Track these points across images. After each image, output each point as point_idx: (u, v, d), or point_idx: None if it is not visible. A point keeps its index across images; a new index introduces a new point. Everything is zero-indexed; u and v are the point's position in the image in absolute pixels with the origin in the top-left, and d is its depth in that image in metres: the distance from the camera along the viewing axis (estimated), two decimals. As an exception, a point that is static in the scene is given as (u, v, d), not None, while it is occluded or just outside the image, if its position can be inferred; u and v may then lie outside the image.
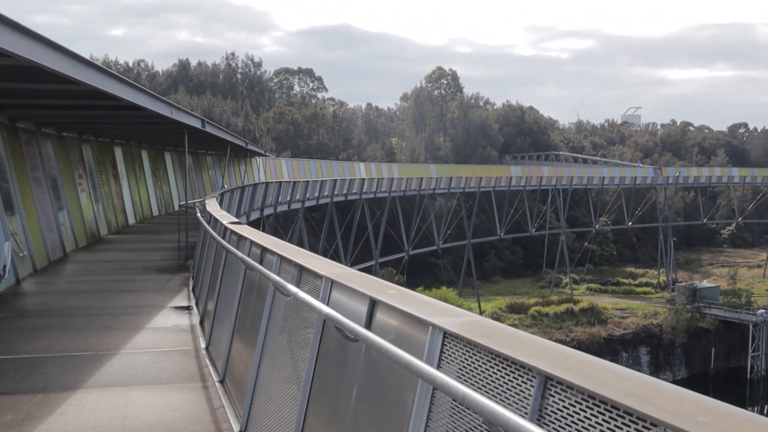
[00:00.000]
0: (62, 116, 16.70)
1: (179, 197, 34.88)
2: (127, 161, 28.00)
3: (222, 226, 9.99)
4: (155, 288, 13.91)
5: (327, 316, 4.08)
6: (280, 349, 5.76)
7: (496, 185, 73.31)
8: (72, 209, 20.30)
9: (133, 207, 27.70)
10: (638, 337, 71.33)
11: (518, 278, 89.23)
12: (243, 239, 8.24)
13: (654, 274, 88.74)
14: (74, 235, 19.97)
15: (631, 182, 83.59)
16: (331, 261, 5.38)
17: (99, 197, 23.69)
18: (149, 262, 17.49)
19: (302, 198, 44.92)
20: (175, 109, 14.07)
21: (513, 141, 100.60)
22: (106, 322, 10.82)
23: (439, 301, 3.73)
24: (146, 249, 20.14)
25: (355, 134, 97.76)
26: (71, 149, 21.65)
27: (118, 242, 21.80)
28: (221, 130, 21.14)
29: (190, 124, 15.80)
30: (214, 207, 13.97)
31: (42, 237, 17.05)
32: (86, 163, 22.98)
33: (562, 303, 74.91)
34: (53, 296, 12.98)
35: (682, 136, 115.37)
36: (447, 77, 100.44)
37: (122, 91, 10.55)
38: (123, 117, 16.63)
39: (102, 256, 18.54)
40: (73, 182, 21.13)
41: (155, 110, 12.64)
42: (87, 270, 16.34)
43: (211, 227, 11.15)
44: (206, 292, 10.87)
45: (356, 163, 67.69)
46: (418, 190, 63.78)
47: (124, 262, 17.40)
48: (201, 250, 13.70)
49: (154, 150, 32.54)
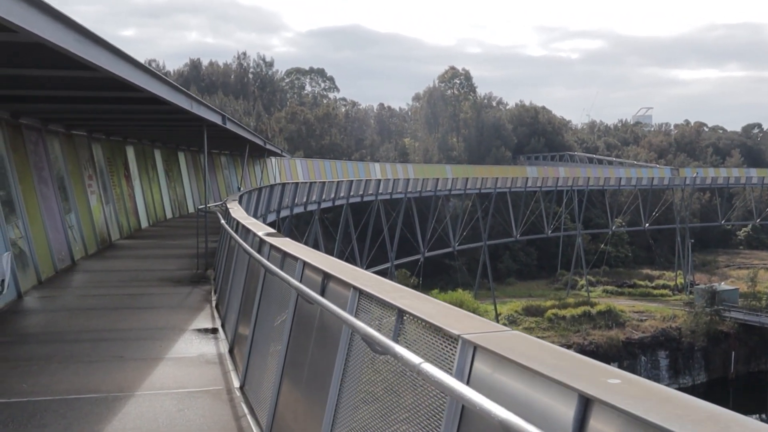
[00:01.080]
0: (71, 111, 15.00)
1: (193, 199, 33.20)
2: (139, 161, 26.33)
3: (257, 239, 8.24)
4: (173, 304, 12.19)
5: (469, 402, 2.44)
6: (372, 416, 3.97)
7: (512, 186, 71.44)
8: (81, 213, 18.62)
9: (146, 210, 26.03)
10: (657, 340, 69.71)
11: (533, 280, 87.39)
12: (290, 258, 6.50)
13: (671, 276, 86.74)
14: (83, 241, 18.29)
15: (648, 183, 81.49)
16: (460, 310, 3.57)
17: (110, 199, 22.02)
18: (165, 271, 15.79)
19: (318, 199, 43.41)
20: (196, 103, 12.36)
21: (527, 141, 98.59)
22: (118, 349, 9.10)
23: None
24: (161, 256, 18.44)
25: (367, 134, 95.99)
26: (80, 148, 19.98)
27: (130, 248, 20.11)
28: (241, 128, 19.42)
29: (210, 119, 14.08)
30: (240, 213, 12.24)
31: (48, 244, 15.37)
32: (96, 163, 21.31)
33: (579, 306, 73.13)
34: (58, 315, 11.27)
35: (697, 137, 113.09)
36: (460, 77, 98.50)
37: (139, 78, 8.83)
38: (139, 112, 14.94)
39: (113, 265, 16.85)
40: (83, 183, 19.46)
41: (176, 103, 10.93)
42: (97, 281, 14.64)
43: (241, 238, 9.41)
44: (236, 313, 9.14)
45: (371, 164, 65.89)
46: (434, 191, 61.99)
47: (138, 271, 15.70)
48: (225, 261, 11.98)
49: (168, 150, 30.87)
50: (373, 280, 4.64)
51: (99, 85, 10.38)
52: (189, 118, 16.04)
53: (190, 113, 13.12)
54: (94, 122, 18.42)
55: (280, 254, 6.92)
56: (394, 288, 4.34)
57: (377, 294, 4.10)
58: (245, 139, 22.14)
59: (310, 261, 5.77)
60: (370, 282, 4.55)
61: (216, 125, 15.85)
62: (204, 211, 16.30)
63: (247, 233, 9.55)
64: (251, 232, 8.82)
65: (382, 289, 4.27)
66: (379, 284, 4.43)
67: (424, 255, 64.44)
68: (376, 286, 4.39)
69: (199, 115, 13.29)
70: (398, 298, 3.88)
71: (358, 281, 4.56)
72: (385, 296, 4.02)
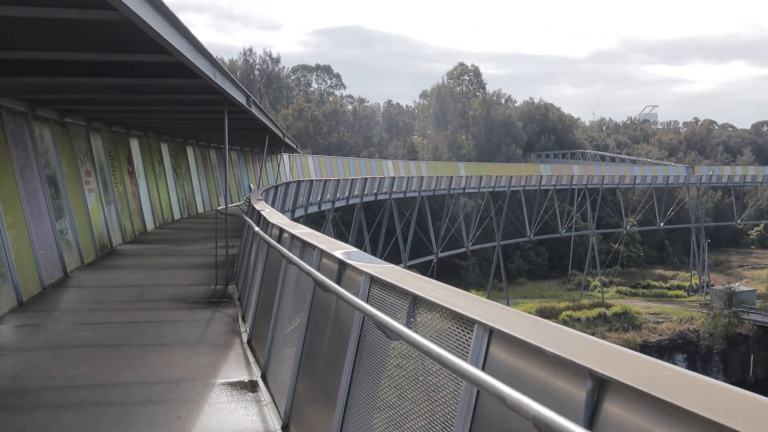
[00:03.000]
0: (64, 88, 11.88)
1: (203, 198, 30.09)
2: (144, 155, 23.21)
3: (335, 262, 5.16)
4: (191, 338, 9.08)
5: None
6: None
7: (527, 184, 68.31)
8: (76, 215, 15.51)
9: (152, 210, 22.91)
10: (675, 343, 67.21)
11: (544, 280, 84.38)
12: (396, 292, 3.54)
13: (684, 276, 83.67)
14: (79, 249, 15.18)
15: (664, 181, 78.31)
16: None
17: (111, 199, 18.91)
18: (176, 287, 12.68)
19: (332, 198, 40.52)
20: (220, 73, 9.24)
21: (537, 139, 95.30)
22: (115, 421, 6.01)
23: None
24: (171, 266, 15.33)
25: (375, 132, 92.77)
26: (76, 139, 16.85)
27: (134, 256, 16.98)
28: (265, 114, 16.27)
29: (234, 98, 10.97)
30: (279, 218, 9.12)
31: (33, 255, 12.26)
32: (96, 157, 18.19)
33: (594, 307, 70.38)
34: (36, 357, 8.15)
35: (707, 134, 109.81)
36: (469, 73, 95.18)
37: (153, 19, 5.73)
38: (147, 90, 11.81)
39: (114, 278, 13.72)
40: (79, 180, 16.35)
41: (200, 68, 7.84)
42: (93, 302, 11.51)
43: (296, 253, 6.33)
44: (290, 365, 6.07)
45: (384, 161, 62.72)
46: (448, 189, 58.89)
47: (143, 288, 12.57)
48: (260, 278, 8.89)
49: (175, 143, 27.75)
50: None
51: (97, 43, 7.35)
52: (207, 100, 12.94)
53: (211, 88, 10.04)
54: (93, 107, 15.29)
55: (379, 285, 4.06)
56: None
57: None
58: (266, 130, 19.01)
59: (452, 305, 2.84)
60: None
61: (239, 107, 12.74)
62: (224, 214, 13.14)
63: (303, 247, 6.49)
64: (318, 250, 5.74)
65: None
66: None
67: (438, 255, 61.36)
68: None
69: (222, 91, 10.19)
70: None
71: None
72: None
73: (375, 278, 4.25)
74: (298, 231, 7.12)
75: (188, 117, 17.12)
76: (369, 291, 4.29)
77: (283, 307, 7.09)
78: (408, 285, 3.68)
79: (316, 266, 5.72)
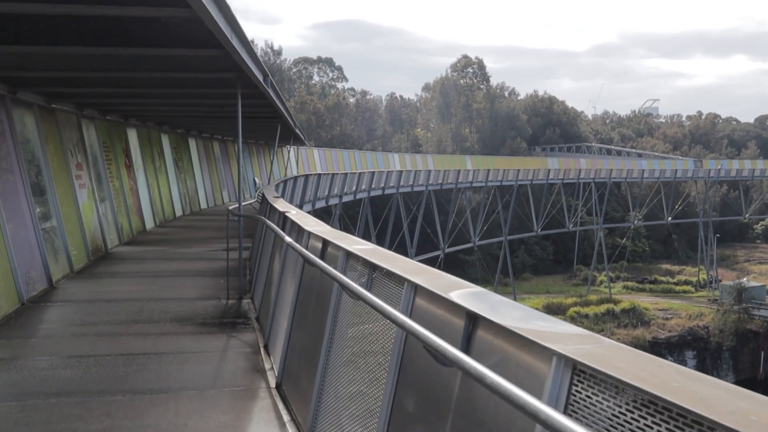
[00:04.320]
0: (48, 62, 9.72)
1: (206, 194, 27.90)
2: (143, 147, 21.02)
3: (451, 311, 3.05)
4: (202, 380, 6.92)
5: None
6: None
7: (534, 178, 66.12)
8: (65, 214, 13.34)
9: (152, 207, 20.73)
10: (684, 340, 65.42)
11: (548, 275, 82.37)
12: None
13: (691, 271, 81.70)
14: (67, 254, 13.02)
15: (672, 175, 76.16)
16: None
17: (106, 195, 16.75)
18: (181, 301, 10.53)
19: (340, 192, 38.49)
20: (237, 39, 7.06)
21: (541, 132, 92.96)
22: None
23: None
24: (173, 273, 13.17)
25: (378, 125, 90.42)
26: (66, 128, 14.67)
27: (132, 260, 14.82)
28: (280, 98, 14.08)
29: (252, 71, 8.80)
30: (316, 224, 6.95)
31: (9, 264, 10.11)
32: (88, 149, 16.01)
33: (602, 303, 68.44)
34: (1, 410, 6.01)
35: (712, 128, 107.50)
36: (473, 66, 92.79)
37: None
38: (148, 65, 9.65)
39: (107, 289, 11.55)
40: (68, 175, 14.18)
41: (218, 24, 5.68)
42: (79, 323, 9.35)
43: (356, 279, 4.21)
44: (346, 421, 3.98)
45: (390, 154, 60.47)
46: (455, 183, 56.71)
47: (141, 302, 10.42)
48: (293, 302, 6.76)
49: (176, 135, 25.54)
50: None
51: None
52: (217, 81, 10.78)
53: (223, 62, 7.89)
54: (84, 89, 13.10)
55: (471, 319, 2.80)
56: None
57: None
58: (279, 118, 16.83)
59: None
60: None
61: (253, 89, 10.59)
62: (238, 217, 10.94)
63: (372, 274, 4.37)
64: (411, 285, 3.63)
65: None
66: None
67: (444, 251, 59.21)
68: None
69: (236, 66, 8.06)
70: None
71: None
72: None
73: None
74: (357, 247, 4.97)
75: (194, 102, 14.87)
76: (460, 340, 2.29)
77: (337, 349, 4.97)
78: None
79: (406, 309, 3.62)
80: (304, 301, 6.34)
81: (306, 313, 6.18)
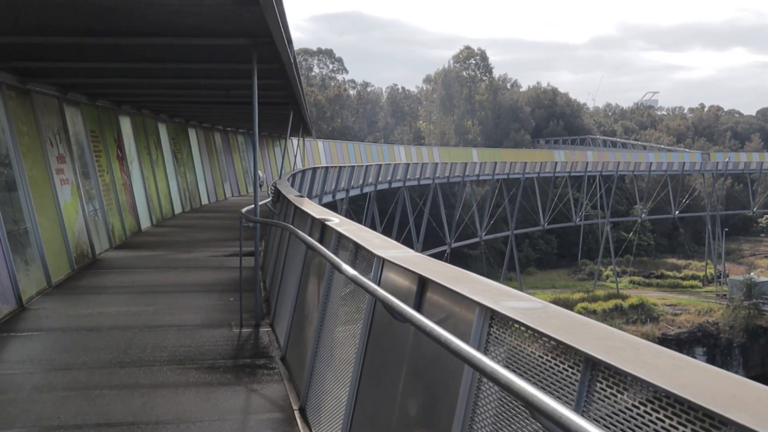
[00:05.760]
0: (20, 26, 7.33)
1: (207, 188, 25.47)
2: (138, 137, 18.57)
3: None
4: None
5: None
6: None
7: (541, 171, 63.79)
8: (42, 215, 10.95)
9: (148, 204, 18.28)
10: (694, 336, 63.46)
11: (553, 269, 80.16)
12: None
13: (697, 265, 79.56)
14: (44, 264, 10.62)
15: (680, 168, 73.86)
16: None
17: (94, 192, 14.33)
18: (182, 330, 8.15)
19: (347, 186, 36.30)
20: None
21: (545, 125, 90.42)
22: None
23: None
24: (172, 288, 10.77)
25: (380, 117, 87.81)
26: (44, 113, 12.24)
27: (122, 269, 12.40)
28: (299, 79, 11.63)
29: (278, 27, 6.40)
30: (383, 243, 4.55)
31: (-41, 284, 7.72)
32: (73, 138, 13.58)
33: (610, 299, 66.25)
34: None
35: (715, 121, 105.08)
36: (475, 57, 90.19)
37: None
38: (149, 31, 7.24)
39: (89, 313, 9.12)
40: (46, 168, 11.76)
41: None
42: (47, 368, 6.92)
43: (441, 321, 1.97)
44: None
45: (396, 146, 57.99)
46: (462, 177, 54.41)
47: (132, 332, 8.03)
48: (361, 353, 4.40)
49: (174, 125, 23.08)
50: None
51: None
52: (228, 48, 8.38)
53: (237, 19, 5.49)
54: (66, 64, 10.66)
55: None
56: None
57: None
58: (293, 103, 14.38)
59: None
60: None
61: (272, 60, 8.19)
62: (255, 223, 8.51)
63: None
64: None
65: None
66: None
67: (451, 246, 56.92)
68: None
69: (256, 19, 5.64)
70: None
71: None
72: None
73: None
74: (511, 305, 2.63)
75: (197, 84, 12.36)
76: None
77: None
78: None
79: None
80: (383, 359, 3.99)
81: (389, 381, 3.83)
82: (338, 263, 4.44)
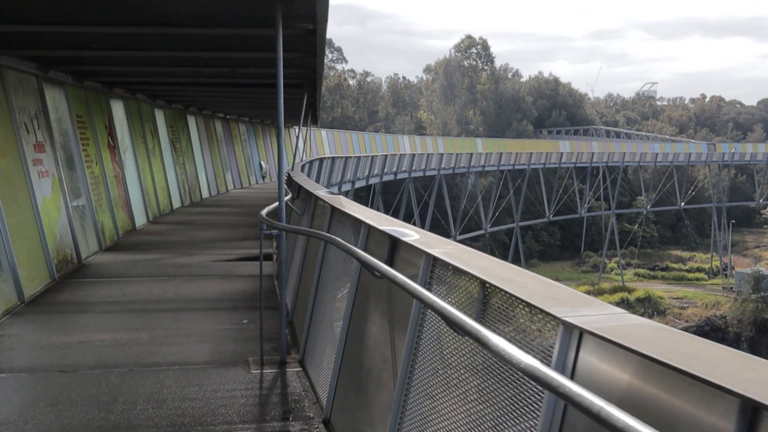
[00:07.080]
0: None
1: (207, 180, 23.41)
2: (133, 124, 16.47)
3: None
4: None
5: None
6: None
7: (547, 162, 61.83)
8: (12, 215, 8.92)
9: (144, 199, 16.21)
10: (702, 330, 61.70)
11: (556, 261, 78.35)
12: None
13: (702, 257, 77.83)
14: (14, 274, 8.59)
15: (686, 159, 71.98)
16: None
17: (81, 186, 12.27)
18: (184, 372, 6.14)
19: (353, 178, 34.46)
20: None
21: (547, 115, 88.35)
22: None
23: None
24: (170, 305, 8.75)
25: (381, 107, 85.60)
26: (19, 94, 10.17)
27: (112, 278, 10.36)
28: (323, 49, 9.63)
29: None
30: (479, 257, 2.57)
31: None
32: (54, 123, 11.50)
33: (616, 292, 64.55)
34: None
35: (717, 111, 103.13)
36: (477, 46, 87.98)
37: None
38: None
39: (65, 343, 7.08)
40: (20, 157, 9.71)
41: None
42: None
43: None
44: None
45: (400, 136, 55.93)
46: (467, 167, 52.49)
47: (119, 375, 6.02)
48: None
49: (172, 111, 20.98)
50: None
51: None
52: (247, 5, 6.34)
53: None
54: (40, 29, 8.60)
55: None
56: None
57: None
58: (308, 85, 12.33)
59: None
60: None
61: (306, 19, 6.16)
62: (279, 231, 6.46)
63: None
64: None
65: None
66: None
67: (456, 238, 55.03)
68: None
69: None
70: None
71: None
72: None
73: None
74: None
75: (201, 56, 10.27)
76: None
77: None
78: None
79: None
80: None
81: None
82: (453, 315, 2.47)
